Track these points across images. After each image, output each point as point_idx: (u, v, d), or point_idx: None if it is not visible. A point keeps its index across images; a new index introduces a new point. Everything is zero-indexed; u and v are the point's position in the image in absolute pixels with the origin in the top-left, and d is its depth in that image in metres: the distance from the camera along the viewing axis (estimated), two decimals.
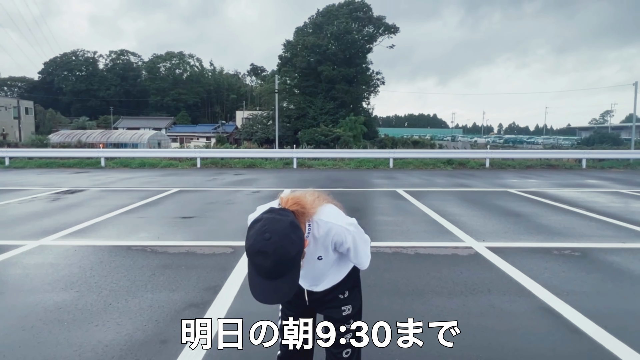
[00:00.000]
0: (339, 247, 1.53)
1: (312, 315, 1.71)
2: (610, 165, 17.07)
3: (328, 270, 1.63)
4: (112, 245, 4.89)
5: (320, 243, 1.50)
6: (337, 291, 1.68)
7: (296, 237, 1.29)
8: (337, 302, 1.67)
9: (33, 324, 2.86)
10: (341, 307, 1.66)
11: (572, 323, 2.89)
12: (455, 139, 63.43)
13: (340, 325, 1.63)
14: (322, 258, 1.54)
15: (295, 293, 1.49)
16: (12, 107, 45.08)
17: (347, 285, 1.70)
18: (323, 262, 1.56)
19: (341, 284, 1.69)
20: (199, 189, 9.92)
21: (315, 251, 1.52)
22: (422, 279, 3.76)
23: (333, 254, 1.57)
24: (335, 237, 1.50)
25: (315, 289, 1.68)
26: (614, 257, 4.43)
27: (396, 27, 40.70)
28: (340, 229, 1.50)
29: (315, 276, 1.64)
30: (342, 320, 1.65)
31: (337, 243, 1.51)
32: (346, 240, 1.51)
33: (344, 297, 1.68)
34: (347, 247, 1.53)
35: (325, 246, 1.51)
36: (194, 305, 3.18)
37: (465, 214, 6.83)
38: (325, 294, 1.68)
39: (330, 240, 1.50)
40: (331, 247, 1.52)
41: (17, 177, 12.68)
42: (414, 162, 17.12)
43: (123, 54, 79.26)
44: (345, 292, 1.68)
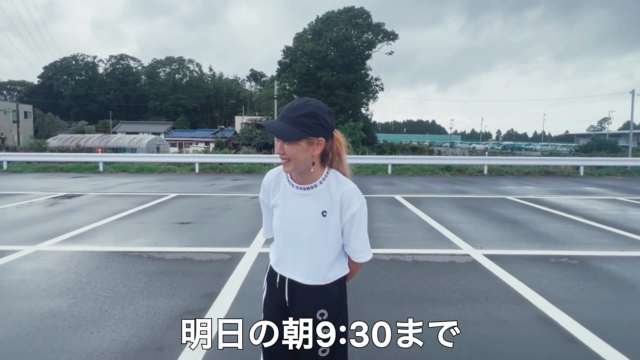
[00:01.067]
0: (345, 207, 1.44)
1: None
2: (608, 172, 17.13)
3: (321, 246, 1.48)
4: (109, 251, 4.88)
5: (329, 194, 1.45)
6: (316, 304, 1.50)
7: (324, 115, 1.38)
8: (314, 321, 1.49)
9: (28, 331, 2.84)
10: (318, 324, 1.49)
11: (569, 332, 2.89)
12: (454, 145, 63.58)
13: (313, 346, 1.48)
14: (327, 214, 1.45)
15: (275, 288, 1.55)
16: (11, 110, 45.10)
17: (328, 299, 1.51)
18: (323, 224, 1.45)
19: (325, 296, 1.50)
20: (197, 195, 9.91)
21: (322, 202, 1.45)
22: (419, 287, 3.76)
23: (336, 221, 1.46)
24: (347, 193, 1.44)
25: (297, 278, 1.50)
26: (612, 266, 4.44)
27: (395, 33, 40.95)
28: (355, 191, 1.46)
29: (304, 247, 1.48)
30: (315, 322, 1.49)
31: (345, 201, 1.44)
32: (354, 202, 1.44)
33: (322, 318, 1.49)
34: (352, 213, 1.44)
35: (333, 200, 1.44)
36: (190, 312, 3.17)
37: (463, 221, 6.84)
38: (304, 295, 1.50)
39: (340, 196, 1.44)
40: (338, 203, 1.44)
41: (15, 182, 12.65)
42: (413, 169, 17.16)
43: (123, 58, 79.55)
44: (324, 313, 1.49)
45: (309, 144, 1.37)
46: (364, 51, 40.88)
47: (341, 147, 1.49)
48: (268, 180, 1.58)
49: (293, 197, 1.49)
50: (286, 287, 1.53)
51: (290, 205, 1.49)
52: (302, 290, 1.51)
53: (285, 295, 1.53)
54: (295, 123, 1.33)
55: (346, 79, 38.61)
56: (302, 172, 1.45)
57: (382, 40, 41.15)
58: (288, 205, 1.50)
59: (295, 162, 1.38)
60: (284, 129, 1.33)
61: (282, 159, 1.39)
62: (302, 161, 1.39)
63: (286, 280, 1.53)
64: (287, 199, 1.50)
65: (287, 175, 1.52)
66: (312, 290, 1.50)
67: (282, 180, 1.53)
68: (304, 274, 1.50)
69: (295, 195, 1.49)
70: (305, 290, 1.50)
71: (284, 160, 1.39)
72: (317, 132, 1.36)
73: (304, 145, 1.36)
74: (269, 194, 1.58)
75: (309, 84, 39.28)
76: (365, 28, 40.50)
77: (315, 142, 1.38)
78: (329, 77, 37.87)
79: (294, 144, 1.35)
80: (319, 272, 1.49)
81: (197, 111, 74.74)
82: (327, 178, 1.47)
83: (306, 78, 39.30)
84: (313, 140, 1.37)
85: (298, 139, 1.34)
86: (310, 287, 1.50)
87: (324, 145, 1.42)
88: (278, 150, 1.38)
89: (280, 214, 1.52)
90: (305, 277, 1.49)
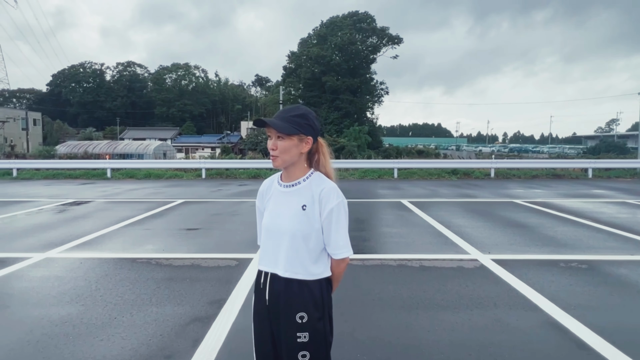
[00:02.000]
0: (324, 203, 1.52)
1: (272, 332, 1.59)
2: (617, 174, 16.93)
3: (300, 239, 1.51)
4: (118, 257, 4.92)
5: (311, 190, 1.55)
6: (296, 305, 1.51)
7: (313, 118, 1.55)
8: (293, 325, 1.51)
9: (39, 338, 2.87)
10: (296, 332, 1.50)
11: (579, 338, 2.86)
12: (460, 149, 63.32)
13: (292, 353, 1.51)
14: (306, 208, 1.53)
15: (259, 289, 1.62)
16: (20, 118, 45.71)
17: (309, 302, 1.51)
18: (302, 217, 1.51)
19: (305, 292, 1.51)
20: (204, 200, 9.96)
21: (302, 197, 1.55)
22: (427, 292, 3.74)
23: (315, 216, 1.51)
24: (325, 190, 1.53)
25: (277, 271, 1.54)
26: (622, 270, 4.38)
27: (400, 37, 41.02)
28: (334, 189, 1.55)
29: (284, 239, 1.52)
30: (295, 348, 1.50)
31: (323, 197, 1.52)
32: (332, 199, 1.52)
33: (302, 322, 1.50)
34: (330, 208, 1.51)
35: (313, 196, 1.53)
36: (198, 320, 3.18)
37: (471, 225, 6.80)
38: (285, 294, 1.52)
39: (319, 192, 1.53)
40: (317, 199, 1.52)
41: (24, 189, 12.80)
42: (419, 172, 17.10)
43: (130, 65, 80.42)
44: (303, 316, 1.50)
45: (299, 140, 1.52)
46: (368, 55, 40.97)
47: (325, 150, 1.63)
48: (263, 186, 1.72)
49: (279, 195, 1.62)
50: (267, 285, 1.57)
51: (276, 202, 1.62)
52: (283, 286, 1.53)
53: (266, 294, 1.57)
54: (288, 121, 1.50)
55: (351, 84, 38.69)
56: (288, 168, 1.57)
57: (386, 44, 41.22)
58: (275, 203, 1.62)
59: (285, 156, 1.52)
60: (281, 123, 1.50)
61: (272, 155, 1.53)
62: (292, 156, 1.53)
63: (268, 276, 1.58)
64: (275, 198, 1.63)
65: (277, 179, 1.66)
66: (292, 286, 1.52)
67: (274, 184, 1.67)
68: (283, 267, 1.54)
69: (280, 193, 1.61)
70: (286, 287, 1.53)
71: (275, 155, 1.52)
72: (306, 131, 1.52)
73: (295, 141, 1.51)
74: (263, 199, 1.70)
75: (314, 88, 39.41)
76: (370, 32, 40.61)
77: (304, 140, 1.53)
78: (333, 82, 37.97)
79: (286, 138, 1.50)
80: (298, 265, 1.52)
81: (203, 117, 75.22)
82: (311, 177, 1.59)
83: (311, 83, 39.44)
84: (303, 137, 1.52)
85: (290, 133, 1.49)
86: (290, 282, 1.52)
87: (311, 145, 1.56)
88: (271, 146, 1.53)
89: (267, 213, 1.64)
90: (284, 269, 1.53)
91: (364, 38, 40.81)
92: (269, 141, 1.54)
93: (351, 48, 38.65)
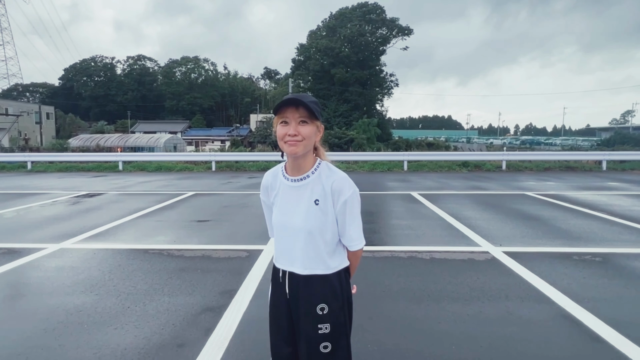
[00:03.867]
0: (336, 195, 1.47)
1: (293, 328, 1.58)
2: (632, 167, 16.61)
3: (316, 234, 1.48)
4: (130, 248, 4.98)
5: (321, 183, 1.49)
6: (315, 297, 1.50)
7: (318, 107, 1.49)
8: (314, 317, 1.50)
9: (55, 327, 2.93)
10: (317, 324, 1.49)
11: (593, 331, 2.82)
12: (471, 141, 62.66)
13: (313, 345, 1.49)
14: (319, 203, 1.48)
15: (278, 283, 1.59)
16: (33, 112, 46.39)
17: (328, 293, 1.51)
18: (316, 212, 1.48)
19: (325, 284, 1.51)
20: (214, 193, 10.02)
21: (314, 191, 1.49)
22: (438, 284, 3.72)
23: (329, 209, 1.48)
24: (337, 182, 1.48)
25: (296, 269, 1.52)
26: (637, 263, 4.31)
27: (410, 28, 40.51)
28: (345, 179, 1.50)
29: (300, 237, 1.49)
30: (316, 340, 1.49)
31: (336, 189, 1.47)
32: (345, 190, 1.47)
33: (322, 313, 1.49)
34: (344, 200, 1.46)
35: (324, 189, 1.48)
36: (210, 309, 3.21)
37: (482, 217, 6.74)
38: (305, 289, 1.51)
39: (331, 184, 1.47)
40: (330, 192, 1.47)
41: (39, 181, 13.02)
42: (429, 165, 16.97)
43: (140, 59, 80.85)
44: (324, 307, 1.50)
45: (317, 128, 1.48)
46: (378, 47, 40.58)
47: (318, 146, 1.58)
48: (266, 179, 1.64)
49: (288, 191, 1.54)
50: (287, 280, 1.55)
51: (286, 198, 1.55)
52: (302, 282, 1.52)
53: (286, 288, 1.55)
54: (311, 105, 1.42)
55: (360, 76, 38.41)
56: (299, 159, 1.49)
57: (396, 36, 40.77)
58: (284, 199, 1.55)
59: (306, 142, 1.44)
60: (312, 106, 1.42)
61: (292, 141, 1.42)
62: (311, 143, 1.47)
63: (287, 274, 1.55)
64: (283, 194, 1.56)
65: (282, 172, 1.58)
66: (312, 281, 1.51)
67: (278, 178, 1.59)
68: (301, 265, 1.51)
69: (289, 189, 1.54)
70: (306, 283, 1.52)
71: (295, 141, 1.42)
72: (321, 118, 1.49)
73: (315, 127, 1.46)
74: (268, 192, 1.63)
75: (323, 80, 39.23)
76: (380, 24, 40.17)
77: (320, 127, 1.50)
78: (343, 74, 37.74)
79: (310, 124, 1.43)
80: (316, 262, 1.50)
81: (212, 110, 75.48)
82: (319, 169, 1.52)
83: (320, 75, 39.25)
84: (318, 125, 1.48)
85: (317, 118, 1.44)
86: (309, 278, 1.51)
87: (322, 134, 1.54)
88: (292, 132, 1.41)
89: (277, 210, 1.57)
90: (303, 268, 1.51)
91: (374, 29, 40.40)
92: (285, 127, 1.42)
93: (360, 40, 38.31)
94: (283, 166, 1.59)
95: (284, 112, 1.42)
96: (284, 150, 1.47)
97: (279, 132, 1.44)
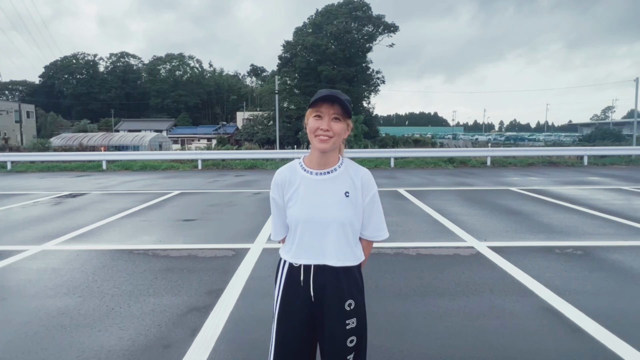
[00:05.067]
0: (366, 189, 1.54)
1: (310, 330, 1.55)
2: (612, 161, 17.02)
3: (347, 226, 1.50)
4: (114, 249, 4.91)
5: (349, 177, 1.54)
6: (344, 293, 1.50)
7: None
8: (342, 314, 1.50)
9: (36, 330, 2.87)
10: (345, 320, 1.50)
11: (574, 323, 2.89)
12: (457, 137, 63.33)
13: (340, 341, 1.50)
14: (349, 195, 1.52)
15: (298, 287, 1.53)
16: (13, 110, 45.25)
17: (354, 288, 1.53)
18: (347, 204, 1.50)
19: (350, 279, 1.52)
20: (201, 191, 9.93)
21: (343, 184, 1.53)
22: (423, 280, 3.76)
23: (358, 202, 1.52)
24: (366, 176, 1.56)
25: (328, 262, 1.50)
26: (616, 256, 4.42)
27: (395, 25, 40.63)
28: (371, 175, 1.58)
29: (332, 228, 1.49)
30: (344, 336, 1.50)
31: (365, 184, 1.54)
32: (372, 185, 1.56)
33: (350, 309, 1.51)
34: (373, 194, 1.55)
35: (354, 182, 1.53)
36: (196, 309, 3.19)
37: (467, 213, 6.83)
38: (332, 285, 1.50)
39: (360, 178, 1.54)
40: (359, 186, 1.53)
41: (19, 182, 12.72)
42: (415, 161, 17.11)
43: (123, 56, 79.53)
44: (351, 303, 1.51)
45: (347, 126, 1.52)
46: (364, 44, 40.61)
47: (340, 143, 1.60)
48: (281, 176, 1.59)
49: (314, 184, 1.53)
50: (311, 280, 1.50)
51: (312, 191, 1.52)
52: (330, 277, 1.50)
53: (311, 290, 1.50)
54: (346, 104, 1.46)
55: (347, 73, 38.41)
56: (327, 154, 1.52)
57: (382, 33, 40.84)
58: (309, 192, 1.52)
59: (336, 139, 1.48)
60: (347, 104, 1.46)
61: (324, 137, 1.45)
62: (339, 140, 1.50)
63: (311, 270, 1.50)
64: (307, 187, 1.53)
65: (301, 166, 1.57)
66: (339, 274, 1.51)
67: (298, 173, 1.56)
68: (335, 255, 1.50)
69: (315, 182, 1.53)
70: (334, 276, 1.50)
71: (326, 137, 1.45)
72: (351, 116, 1.51)
73: (345, 125, 1.50)
74: (282, 189, 1.57)
75: (309, 78, 39.12)
76: (366, 20, 40.19)
77: (349, 125, 1.53)
78: (329, 71, 37.69)
79: (342, 121, 1.47)
80: (347, 252, 1.53)
81: (198, 108, 74.71)
82: (344, 164, 1.58)
83: (307, 72, 39.13)
84: (349, 123, 1.52)
85: (349, 116, 1.49)
86: (339, 271, 1.51)
87: (350, 132, 1.56)
88: (325, 126, 1.45)
89: (300, 204, 1.52)
90: (337, 258, 1.50)
91: (360, 26, 40.40)
92: (319, 121, 1.45)
93: (347, 37, 38.27)
94: (301, 161, 1.59)
95: (319, 107, 1.45)
96: (313, 145, 1.49)
97: (311, 124, 1.47)
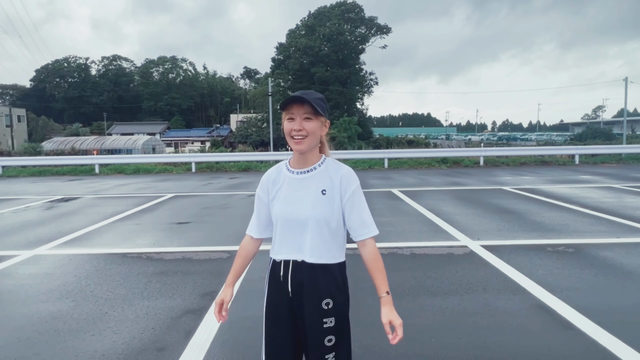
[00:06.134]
0: (344, 186, 1.54)
1: (293, 325, 1.57)
2: (602, 160, 17.21)
3: (323, 224, 1.51)
4: (108, 253, 4.88)
5: (329, 175, 1.56)
6: (321, 291, 1.51)
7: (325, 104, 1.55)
8: (319, 312, 1.51)
9: (29, 335, 2.85)
10: (322, 318, 1.51)
11: (566, 319, 2.92)
12: (450, 138, 63.69)
13: (317, 340, 1.51)
14: (326, 192, 1.53)
15: (278, 282, 1.56)
16: (4, 115, 44.74)
17: (332, 287, 1.52)
18: (323, 201, 1.51)
19: (329, 277, 1.52)
20: (195, 194, 9.90)
21: (320, 182, 1.54)
22: (417, 279, 3.78)
23: (336, 201, 1.53)
24: (345, 174, 1.56)
25: (304, 257, 1.52)
26: (607, 253, 4.48)
27: (388, 27, 40.84)
28: (353, 173, 1.59)
29: (307, 225, 1.51)
30: (322, 334, 1.51)
31: (344, 181, 1.54)
32: (352, 181, 1.56)
33: (328, 307, 1.51)
34: (352, 190, 1.54)
35: (332, 181, 1.54)
36: (191, 312, 3.18)
37: (460, 212, 6.87)
38: (309, 281, 1.51)
39: (340, 177, 1.55)
40: (338, 184, 1.53)
41: (11, 186, 12.59)
42: (409, 162, 17.19)
43: (115, 59, 78.96)
44: (329, 302, 1.51)
45: (322, 123, 1.53)
46: (357, 46, 40.74)
47: (325, 137, 1.65)
48: (269, 175, 1.66)
49: (294, 182, 1.58)
50: (289, 275, 1.53)
51: (291, 189, 1.57)
52: (308, 274, 1.51)
53: (289, 286, 1.53)
54: (315, 102, 1.48)
55: (340, 74, 38.50)
56: (306, 153, 1.55)
57: (375, 34, 41.01)
58: (289, 190, 1.57)
59: (311, 138, 1.50)
60: (316, 102, 1.48)
61: (298, 137, 1.49)
62: (316, 139, 1.53)
63: (290, 265, 1.53)
64: (288, 186, 1.58)
65: (286, 166, 1.62)
66: (316, 272, 1.51)
67: (282, 172, 1.62)
68: (309, 252, 1.52)
69: (295, 181, 1.57)
70: (310, 273, 1.51)
71: (301, 137, 1.48)
72: (326, 114, 1.54)
73: (320, 123, 1.52)
74: (267, 188, 1.64)
75: (303, 80, 39.14)
76: (358, 22, 40.33)
77: (325, 123, 1.55)
78: (322, 73, 37.76)
79: (314, 120, 1.49)
80: (323, 250, 1.53)
81: (191, 110, 74.40)
82: (325, 163, 1.59)
83: (300, 74, 39.17)
84: (323, 120, 1.54)
85: (322, 114, 1.50)
86: (315, 267, 1.51)
87: (327, 129, 1.59)
88: (297, 127, 1.48)
89: (281, 201, 1.58)
90: (311, 255, 1.51)
91: (353, 28, 40.53)
92: (291, 123, 1.48)
93: (340, 38, 38.37)
94: (287, 162, 1.64)
95: (290, 109, 1.49)
96: (291, 146, 1.53)
97: (286, 127, 1.51)
